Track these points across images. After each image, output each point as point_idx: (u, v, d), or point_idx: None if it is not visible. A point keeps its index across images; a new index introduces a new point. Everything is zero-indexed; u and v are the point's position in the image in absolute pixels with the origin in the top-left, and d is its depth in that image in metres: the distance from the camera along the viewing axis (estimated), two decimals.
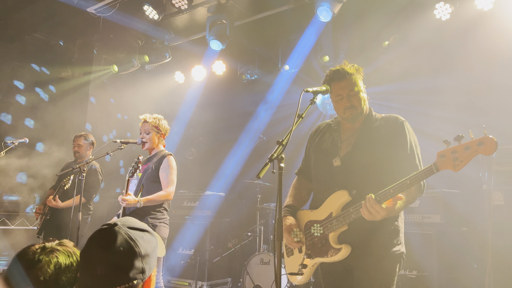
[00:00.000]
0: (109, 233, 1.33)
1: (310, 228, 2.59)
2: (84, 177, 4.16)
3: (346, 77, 2.57)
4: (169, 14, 6.42)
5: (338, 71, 2.59)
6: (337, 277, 2.57)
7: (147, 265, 1.34)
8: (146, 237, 1.38)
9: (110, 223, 1.37)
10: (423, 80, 5.81)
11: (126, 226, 1.36)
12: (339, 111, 2.63)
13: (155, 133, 4.11)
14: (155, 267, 1.43)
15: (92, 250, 1.33)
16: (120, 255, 1.29)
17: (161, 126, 4.13)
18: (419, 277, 4.46)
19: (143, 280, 1.33)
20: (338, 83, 2.57)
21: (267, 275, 5.30)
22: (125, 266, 1.29)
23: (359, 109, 2.58)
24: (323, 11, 5.36)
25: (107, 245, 1.30)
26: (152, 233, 1.43)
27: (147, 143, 4.09)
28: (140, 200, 3.67)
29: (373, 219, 2.21)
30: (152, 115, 4.15)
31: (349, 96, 2.56)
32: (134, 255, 1.31)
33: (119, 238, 1.31)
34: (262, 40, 7.03)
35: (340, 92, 2.57)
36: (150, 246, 1.37)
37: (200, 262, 6.13)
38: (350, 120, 2.61)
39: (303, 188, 2.84)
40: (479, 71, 5.28)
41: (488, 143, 1.99)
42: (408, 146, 2.48)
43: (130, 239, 1.32)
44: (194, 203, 6.72)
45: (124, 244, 1.30)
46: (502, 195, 4.26)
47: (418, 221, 4.67)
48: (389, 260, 2.42)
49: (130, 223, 1.39)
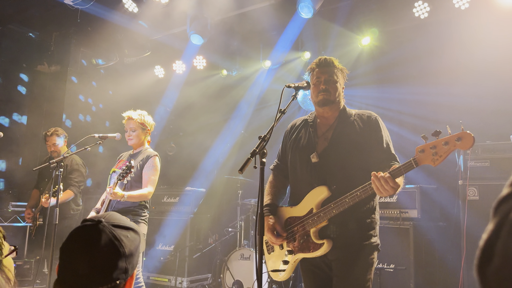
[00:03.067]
0: (93, 231, 1.28)
1: (291, 224, 2.61)
2: (61, 172, 4.06)
3: (330, 66, 2.66)
4: (149, 7, 6.32)
5: (326, 59, 2.69)
6: (316, 271, 2.61)
7: (130, 265, 1.31)
8: (130, 236, 1.34)
9: (94, 219, 1.32)
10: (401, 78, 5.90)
11: (110, 223, 1.31)
12: (314, 95, 2.68)
13: (141, 130, 4.07)
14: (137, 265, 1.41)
15: (74, 248, 1.28)
16: (104, 256, 1.25)
17: (146, 122, 4.09)
18: (396, 271, 4.54)
19: (125, 280, 1.30)
20: (322, 68, 2.66)
21: (247, 271, 5.32)
22: (109, 267, 1.25)
23: (332, 96, 2.63)
24: (305, 7, 5.38)
25: (91, 244, 1.26)
26: (136, 231, 1.39)
27: (133, 140, 4.05)
28: (124, 195, 3.65)
29: (387, 195, 2.23)
30: (137, 112, 4.09)
31: (326, 81, 2.63)
32: (118, 255, 1.27)
33: (104, 237, 1.26)
34: (243, 35, 7.00)
35: (319, 75, 2.65)
36: (133, 245, 1.33)
37: (180, 258, 6.10)
38: (321, 104, 2.64)
39: (280, 184, 2.86)
40: (455, 69, 5.39)
41: (466, 138, 2.04)
42: (384, 141, 2.57)
43: (115, 239, 1.27)
44: (174, 199, 6.67)
45: (108, 244, 1.26)
46: (476, 190, 4.37)
47: (395, 216, 4.76)
48: (367, 250, 2.48)
49: (115, 220, 1.35)
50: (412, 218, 4.71)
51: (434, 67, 5.67)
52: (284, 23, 6.32)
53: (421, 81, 5.80)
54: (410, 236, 4.60)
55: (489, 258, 0.61)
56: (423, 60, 5.71)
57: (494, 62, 5.02)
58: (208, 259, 6.45)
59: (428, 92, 5.67)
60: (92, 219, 1.33)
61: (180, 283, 6.03)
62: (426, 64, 5.72)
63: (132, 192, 3.76)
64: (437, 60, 5.61)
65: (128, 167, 3.60)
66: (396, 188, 2.20)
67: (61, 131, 5.28)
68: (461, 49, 5.32)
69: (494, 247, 0.61)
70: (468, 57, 5.24)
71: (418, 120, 5.58)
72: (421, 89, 5.74)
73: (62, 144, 5.24)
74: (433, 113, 5.43)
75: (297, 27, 6.27)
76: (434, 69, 5.68)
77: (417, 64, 5.74)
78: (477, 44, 5.18)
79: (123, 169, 3.62)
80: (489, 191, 4.29)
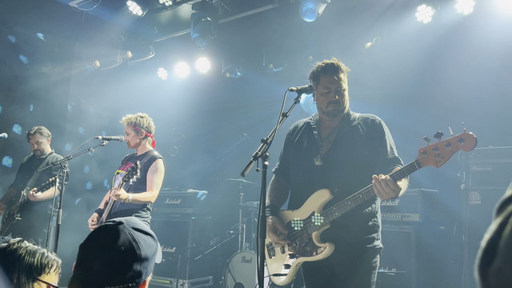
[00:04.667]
0: (113, 231, 1.30)
1: (292, 228, 2.61)
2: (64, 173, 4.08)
3: (338, 72, 2.58)
4: (153, 10, 6.35)
5: (332, 64, 2.59)
6: (319, 275, 2.60)
7: (145, 270, 1.31)
8: (148, 241, 1.35)
9: (116, 221, 1.34)
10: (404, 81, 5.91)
11: (130, 226, 1.32)
12: (322, 105, 2.62)
13: (135, 133, 4.06)
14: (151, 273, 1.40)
15: (92, 246, 1.30)
16: (120, 255, 1.26)
17: (139, 125, 4.06)
18: (398, 275, 4.54)
19: (137, 284, 1.29)
20: (330, 76, 2.57)
21: (249, 273, 5.32)
22: (123, 267, 1.26)
23: (341, 106, 2.61)
24: (308, 12, 5.39)
25: (109, 243, 1.27)
26: (154, 238, 1.39)
27: (130, 143, 4.06)
28: (129, 197, 3.65)
29: (388, 198, 2.22)
30: (133, 115, 4.09)
31: (337, 92, 2.58)
32: (134, 257, 1.27)
33: (122, 237, 1.28)
34: (246, 38, 7.03)
35: (329, 85, 2.57)
36: (150, 250, 1.34)
37: (181, 260, 6.10)
38: (331, 115, 2.62)
39: (282, 187, 2.84)
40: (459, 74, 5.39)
41: (468, 139, 2.04)
42: (388, 144, 2.56)
43: (133, 240, 1.28)
44: (176, 200, 6.68)
45: (126, 244, 1.27)
46: (479, 195, 4.37)
47: (397, 220, 4.75)
48: (369, 254, 2.48)
49: (135, 224, 1.36)
50: (413, 222, 4.70)
51: (437, 71, 5.67)
52: (287, 26, 6.34)
53: (424, 85, 5.81)
54: (412, 240, 4.59)
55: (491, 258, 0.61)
56: (425, 64, 5.71)
57: (498, 67, 5.02)
58: (210, 261, 6.46)
59: (431, 96, 5.67)
60: (113, 220, 1.35)
61: (181, 285, 6.03)
62: (429, 68, 5.72)
63: (137, 194, 3.76)
64: (440, 64, 5.61)
65: (134, 169, 3.60)
66: (397, 191, 2.20)
67: (45, 129, 5.22)
68: (464, 54, 5.32)
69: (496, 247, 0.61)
70: (471, 62, 5.24)
71: (421, 124, 5.58)
72: (423, 93, 5.74)
73: (46, 142, 5.22)
74: (435, 117, 5.43)
75: (300, 30, 6.29)
76: (437, 73, 5.68)
77: (419, 68, 5.74)
78: (481, 48, 5.18)
79: (128, 171, 3.63)
80: (491, 196, 4.28)
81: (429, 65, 5.71)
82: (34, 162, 5.15)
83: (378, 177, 2.20)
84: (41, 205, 4.94)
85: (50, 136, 5.27)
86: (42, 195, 4.73)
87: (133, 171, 3.61)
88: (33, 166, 5.10)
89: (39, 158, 5.15)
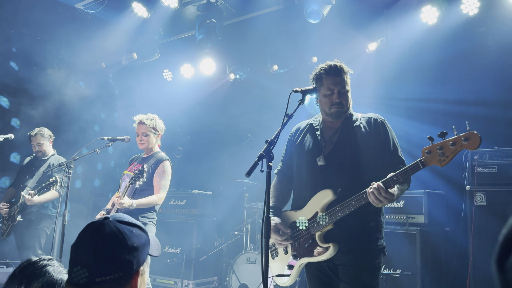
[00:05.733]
0: (99, 226, 1.35)
1: (295, 228, 2.60)
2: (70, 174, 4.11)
3: (341, 74, 2.59)
4: (158, 11, 6.39)
5: (335, 66, 2.60)
6: (322, 276, 2.60)
7: (135, 259, 1.34)
8: (135, 231, 1.38)
9: (101, 218, 1.39)
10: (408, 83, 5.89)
11: (116, 220, 1.38)
12: (326, 106, 2.63)
13: (153, 135, 4.08)
14: (146, 264, 1.44)
15: (81, 243, 1.35)
16: (107, 246, 1.31)
17: (158, 126, 4.10)
18: (403, 276, 4.53)
19: (130, 274, 1.33)
20: (333, 78, 2.58)
21: (253, 274, 5.32)
22: (111, 258, 1.30)
23: (344, 108, 2.62)
24: (312, 13, 5.40)
25: (94, 236, 1.33)
26: (142, 228, 1.44)
27: (144, 144, 4.06)
28: (133, 203, 3.67)
29: (380, 205, 2.28)
30: (148, 116, 4.10)
31: (340, 93, 2.58)
32: (121, 247, 1.31)
33: (107, 229, 1.33)
34: (251, 40, 7.05)
35: (332, 87, 2.58)
36: (139, 240, 1.37)
37: (186, 261, 6.12)
38: (334, 117, 2.62)
39: (284, 188, 2.85)
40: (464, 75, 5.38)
41: (472, 138, 2.04)
42: (391, 143, 2.56)
43: (119, 232, 1.33)
44: (181, 201, 6.70)
45: (111, 235, 1.32)
46: (484, 196, 4.35)
47: (402, 221, 4.74)
48: (373, 254, 2.47)
49: (120, 217, 1.41)
50: (419, 224, 4.69)
51: (442, 73, 5.66)
52: (292, 27, 6.34)
53: (428, 86, 5.79)
54: (417, 241, 4.58)
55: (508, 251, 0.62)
56: (431, 66, 5.70)
57: (503, 67, 5.00)
58: (214, 262, 6.47)
59: (435, 97, 5.66)
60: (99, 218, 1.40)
61: (186, 286, 6.05)
62: (434, 69, 5.70)
63: (141, 200, 3.77)
64: (445, 66, 5.60)
65: (141, 172, 3.61)
66: (390, 199, 2.22)
67: (47, 131, 5.23)
68: (469, 54, 5.31)
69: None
70: (476, 63, 5.23)
71: (425, 125, 5.57)
72: (428, 95, 5.73)
73: (48, 144, 5.24)
74: (440, 118, 5.42)
75: (305, 31, 6.30)
76: (442, 75, 5.66)
77: (425, 70, 5.73)
78: (486, 49, 5.16)
79: (136, 173, 3.64)
80: (497, 197, 4.26)
81: (434, 67, 5.69)
82: (36, 163, 5.17)
83: (369, 188, 2.24)
84: (43, 205, 4.95)
85: (51, 138, 5.28)
86: (39, 199, 4.73)
87: (140, 174, 3.62)
88: (35, 167, 5.12)
89: (41, 159, 5.17)
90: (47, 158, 5.17)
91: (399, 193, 2.34)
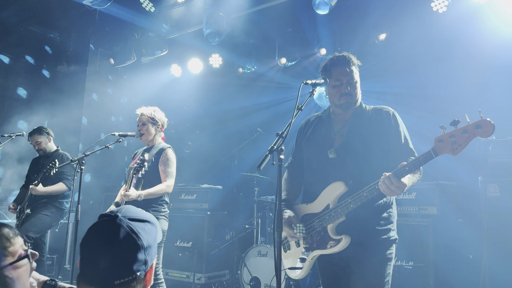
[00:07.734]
0: (111, 226, 1.32)
1: (307, 221, 2.60)
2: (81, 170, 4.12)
3: (350, 64, 2.58)
4: (166, 6, 6.38)
5: (344, 57, 2.59)
6: (334, 268, 2.59)
7: (149, 256, 1.35)
8: (147, 228, 1.38)
9: (111, 214, 1.36)
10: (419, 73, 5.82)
11: (127, 218, 1.35)
12: (335, 97, 2.61)
13: (151, 125, 4.10)
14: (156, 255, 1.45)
15: (94, 243, 1.33)
16: (123, 249, 1.30)
17: (156, 117, 4.12)
18: (415, 268, 4.50)
19: (145, 271, 1.34)
20: (341, 68, 2.57)
21: (264, 267, 5.33)
22: (129, 260, 1.30)
23: (354, 99, 2.60)
24: (321, 4, 5.35)
25: (110, 239, 1.30)
26: (152, 223, 1.42)
27: (144, 135, 4.09)
28: (141, 194, 3.68)
29: (392, 195, 2.30)
30: (148, 107, 4.15)
31: (349, 84, 2.57)
32: (137, 248, 1.31)
33: (122, 231, 1.31)
34: (258, 33, 7.01)
35: (340, 78, 2.57)
36: (151, 237, 1.38)
37: (198, 255, 6.15)
38: (344, 107, 2.61)
39: (295, 181, 2.84)
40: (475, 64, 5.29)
41: (485, 125, 2.00)
42: (402, 135, 2.54)
43: (132, 232, 1.32)
44: (192, 196, 6.73)
45: (127, 238, 1.30)
46: (498, 187, 4.29)
47: (414, 213, 4.71)
48: (385, 245, 2.46)
49: (131, 214, 1.38)
50: (431, 215, 4.65)
51: (454, 63, 5.57)
52: (300, 19, 6.29)
53: (440, 76, 5.72)
54: (429, 233, 4.54)
55: None
56: (442, 56, 5.62)
57: None
58: (226, 256, 6.50)
59: (447, 87, 5.58)
60: (108, 214, 1.37)
61: (198, 279, 6.09)
62: (445, 59, 5.62)
63: (149, 190, 3.78)
64: (457, 56, 5.51)
65: (142, 161, 3.63)
66: (401, 188, 2.21)
67: (44, 129, 5.27)
68: (482, 44, 5.21)
69: None
70: (489, 52, 5.13)
71: (437, 116, 5.49)
72: (440, 85, 5.65)
73: (47, 141, 5.25)
74: (452, 108, 5.34)
75: (313, 23, 6.24)
76: (454, 65, 5.58)
77: (436, 60, 5.66)
78: (498, 38, 5.07)
79: (137, 163, 3.66)
80: (511, 188, 4.20)
81: (445, 57, 5.61)
82: (41, 161, 5.23)
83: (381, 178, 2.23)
84: (51, 197, 4.99)
85: (50, 135, 5.30)
86: (45, 189, 4.80)
87: (142, 164, 3.64)
88: (40, 164, 5.17)
89: (44, 157, 5.22)
90: (50, 154, 5.22)
91: (411, 183, 2.32)
